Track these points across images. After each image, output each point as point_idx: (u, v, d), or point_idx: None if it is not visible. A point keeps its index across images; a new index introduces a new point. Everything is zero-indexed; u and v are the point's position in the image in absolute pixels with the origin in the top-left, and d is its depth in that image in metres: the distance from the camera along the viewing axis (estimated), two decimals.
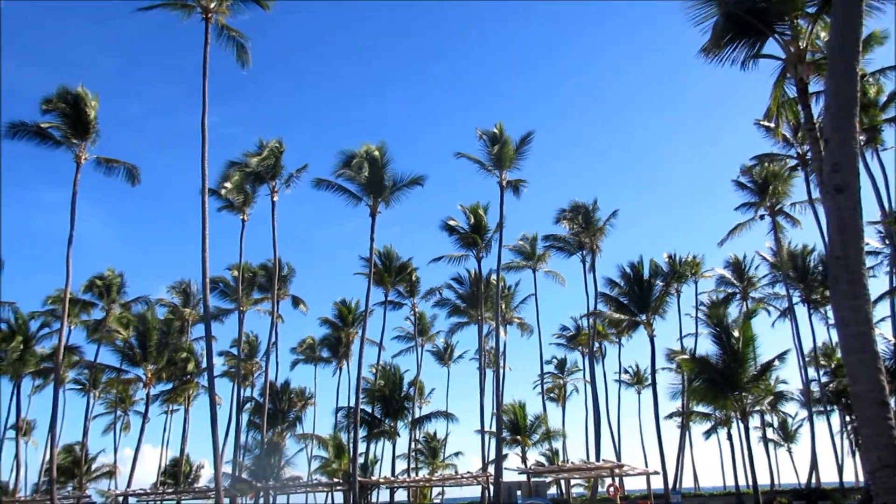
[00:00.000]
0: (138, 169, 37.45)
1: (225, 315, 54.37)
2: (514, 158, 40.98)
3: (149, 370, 49.21)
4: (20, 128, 34.66)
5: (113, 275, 52.78)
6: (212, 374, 31.10)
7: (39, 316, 51.40)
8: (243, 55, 32.89)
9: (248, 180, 43.09)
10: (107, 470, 60.96)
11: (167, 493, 44.77)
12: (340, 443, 50.98)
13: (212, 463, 71.05)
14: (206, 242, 29.87)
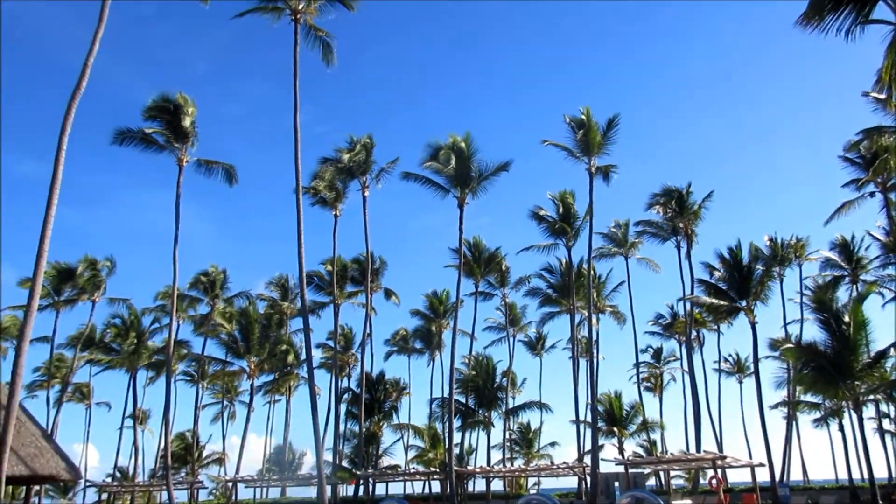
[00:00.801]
0: (235, 169, 39.05)
1: (321, 308, 56.04)
2: (602, 144, 40.18)
3: (252, 362, 51.40)
4: (127, 134, 36.73)
5: (216, 271, 55.19)
6: (311, 365, 32.14)
7: (151, 312, 54.51)
8: (329, 54, 33.63)
9: (339, 176, 44.19)
10: (216, 457, 64.05)
11: (272, 479, 46.60)
12: (436, 433, 51.68)
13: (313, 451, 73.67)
14: (302, 238, 30.80)
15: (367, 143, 43.78)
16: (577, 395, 47.27)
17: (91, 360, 56.76)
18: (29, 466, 25.08)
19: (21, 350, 20.97)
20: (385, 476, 47.38)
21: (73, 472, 28.85)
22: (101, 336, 54.63)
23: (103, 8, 24.14)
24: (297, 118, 31.85)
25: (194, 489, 47.05)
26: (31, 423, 28.97)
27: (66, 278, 52.55)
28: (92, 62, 23.51)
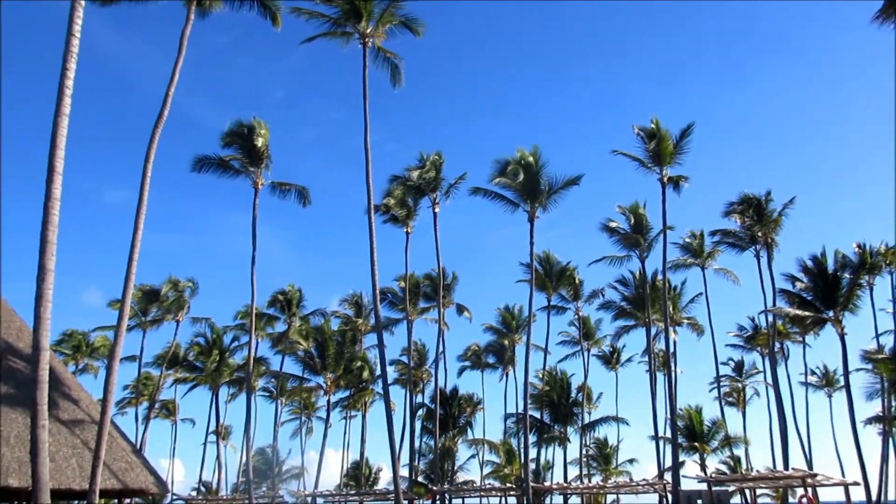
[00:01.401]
0: (308, 190, 40.14)
1: (394, 325, 56.65)
2: (674, 153, 39.39)
3: (328, 378, 52.34)
4: (205, 161, 38.28)
5: (292, 290, 56.58)
6: (386, 381, 32.45)
7: (231, 330, 56.32)
8: (397, 75, 34.28)
9: (409, 194, 44.75)
10: (295, 472, 65.40)
11: (350, 494, 47.19)
12: (511, 448, 51.31)
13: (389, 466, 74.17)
14: (375, 256, 31.33)
15: (437, 160, 44.21)
16: (656, 410, 46.14)
17: (176, 378, 59.13)
18: (120, 480, 26.21)
19: (112, 369, 22.03)
20: (461, 491, 47.29)
21: (161, 486, 29.99)
22: (185, 354, 56.76)
23: (182, 40, 25.32)
24: (368, 138, 32.50)
25: (275, 503, 48.08)
26: (122, 438, 30.30)
27: (151, 299, 55.07)
28: (172, 92, 24.67)
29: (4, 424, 23.51)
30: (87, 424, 27.31)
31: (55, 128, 16.36)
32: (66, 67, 16.75)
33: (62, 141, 16.35)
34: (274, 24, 28.73)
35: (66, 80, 16.67)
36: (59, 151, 16.23)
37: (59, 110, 16.49)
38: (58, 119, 16.43)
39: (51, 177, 16.04)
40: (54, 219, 15.90)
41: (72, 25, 17.09)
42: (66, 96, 16.57)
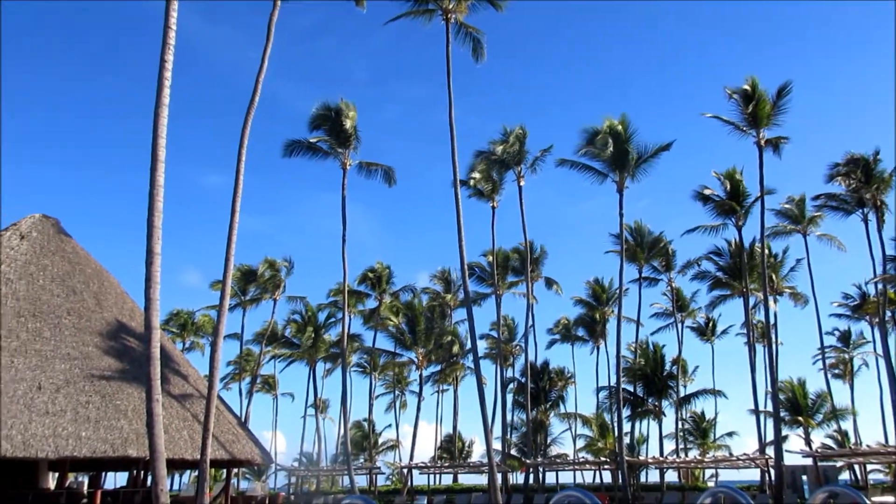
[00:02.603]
0: (393, 170, 40.67)
1: (483, 299, 56.85)
2: (772, 114, 37.51)
3: (419, 353, 53.24)
4: (295, 145, 39.32)
5: (382, 267, 57.62)
6: (476, 355, 32.69)
7: (325, 308, 58.00)
8: (479, 49, 34.11)
9: (494, 168, 44.58)
10: (391, 444, 67.18)
11: (444, 466, 48.05)
12: (604, 422, 50.87)
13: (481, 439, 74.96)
14: (462, 231, 31.43)
15: (520, 134, 43.78)
16: (755, 383, 44.55)
17: (275, 355, 61.63)
18: (228, 451, 27.63)
19: (217, 346, 23.13)
20: (555, 465, 47.32)
21: (266, 456, 31.43)
22: (282, 331, 58.95)
23: (270, 26, 25.94)
24: (452, 114, 32.51)
25: (373, 475, 49.53)
26: (228, 412, 31.87)
27: (250, 279, 57.41)
28: (262, 78, 25.36)
29: (122, 399, 25.16)
30: (196, 398, 28.85)
31: (156, 118, 17.15)
32: (164, 59, 17.47)
33: (163, 130, 17.13)
34: (358, 5, 29.04)
35: (164, 71, 17.41)
36: (161, 140, 17.02)
37: (160, 101, 17.26)
38: (158, 109, 17.21)
39: (154, 165, 16.86)
40: (159, 205, 16.74)
41: (168, 18, 17.80)
42: (165, 87, 17.32)
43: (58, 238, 31.62)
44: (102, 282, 31.33)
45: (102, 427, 23.62)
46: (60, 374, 24.87)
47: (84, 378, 25.20)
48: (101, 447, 23.03)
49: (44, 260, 29.74)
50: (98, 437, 23.23)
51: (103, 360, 26.63)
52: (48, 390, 23.97)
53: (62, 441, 22.53)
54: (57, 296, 28.37)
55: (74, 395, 24.28)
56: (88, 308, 28.83)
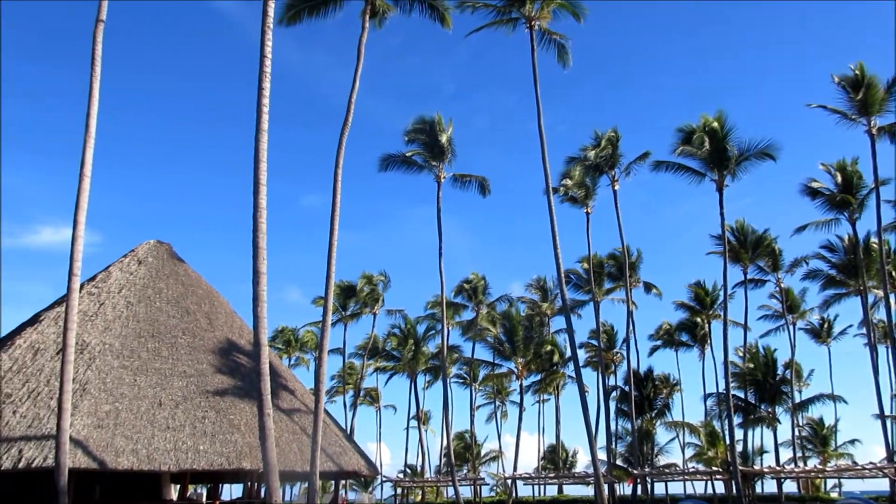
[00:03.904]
0: (488, 181, 40.88)
1: (580, 307, 56.04)
2: (885, 100, 35.29)
3: (519, 363, 52.95)
4: (390, 159, 40.14)
5: (477, 278, 57.81)
6: (577, 364, 32.23)
7: (423, 320, 58.73)
8: (564, 55, 33.83)
9: (587, 173, 43.98)
10: (493, 455, 66.99)
11: (549, 477, 47.48)
12: (713, 430, 48.93)
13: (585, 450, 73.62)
14: (557, 239, 31.13)
15: (612, 137, 43.02)
16: (879, 386, 41.76)
17: (377, 368, 62.88)
18: (336, 463, 28.32)
19: (322, 361, 23.81)
20: (664, 475, 45.87)
21: (372, 468, 32.01)
22: (383, 345, 60.07)
23: (360, 49, 26.66)
24: (541, 121, 32.33)
25: (477, 485, 49.53)
26: (335, 425, 32.69)
27: (349, 294, 58.97)
28: (355, 99, 26.07)
29: (235, 414, 26.28)
30: (303, 412, 29.77)
31: (257, 143, 17.94)
32: (261, 87, 18.28)
33: (264, 155, 17.89)
34: (444, 25, 29.44)
35: (262, 98, 18.20)
36: (262, 165, 17.77)
37: (259, 126, 18.05)
38: (258, 135, 18.00)
39: (257, 188, 17.62)
40: (262, 226, 17.47)
41: (263, 48, 18.62)
42: (264, 113, 18.09)
43: (171, 262, 33.47)
44: (213, 302, 32.92)
45: (218, 441, 24.73)
46: (178, 391, 26.24)
47: (200, 394, 26.49)
48: (217, 460, 24.12)
49: (159, 283, 31.54)
50: (214, 451, 24.34)
51: (216, 376, 27.93)
52: (168, 406, 25.32)
53: (182, 454, 23.73)
54: (172, 317, 30.00)
55: (192, 411, 25.55)
56: (201, 327, 30.33)
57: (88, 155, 20.45)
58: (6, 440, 21.99)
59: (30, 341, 26.66)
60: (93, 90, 20.96)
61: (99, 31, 21.31)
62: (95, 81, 21.00)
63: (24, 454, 21.47)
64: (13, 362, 25.47)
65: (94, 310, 28.37)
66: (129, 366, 26.40)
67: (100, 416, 23.68)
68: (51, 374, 24.66)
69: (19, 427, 22.56)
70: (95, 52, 21.14)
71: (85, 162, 20.36)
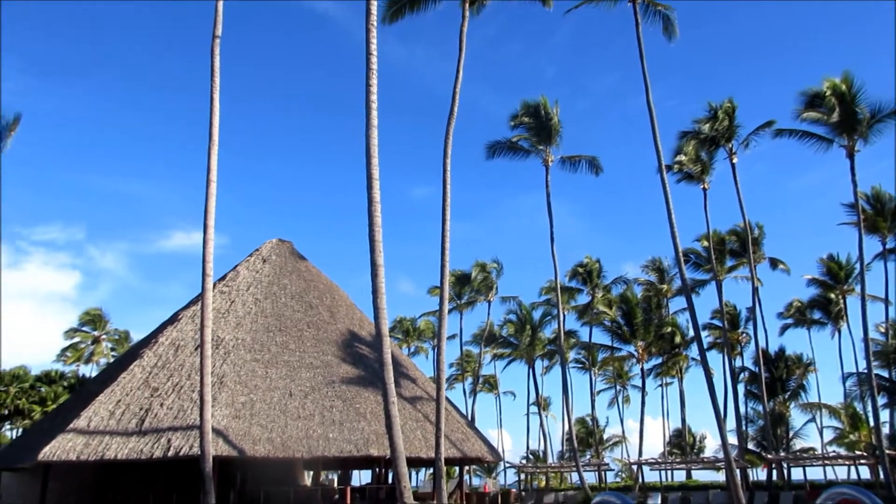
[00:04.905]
0: (598, 159, 40.10)
1: (700, 286, 53.89)
2: None
3: (639, 346, 51.72)
4: (497, 146, 40.07)
5: (591, 261, 56.86)
6: (701, 345, 31.10)
7: (539, 306, 58.43)
8: (670, 27, 32.53)
9: (702, 148, 42.16)
10: (616, 440, 65.90)
11: (676, 462, 46.20)
12: (855, 412, 45.97)
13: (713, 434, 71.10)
14: (673, 217, 30.07)
15: (729, 108, 40.94)
16: None
17: (495, 355, 63.23)
18: (459, 449, 28.76)
19: (441, 350, 24.16)
20: (801, 460, 43.51)
21: (495, 454, 32.28)
22: (498, 332, 60.31)
23: (461, 38, 26.74)
24: (650, 97, 31.28)
25: (601, 471, 48.91)
26: (456, 412, 33.19)
27: (463, 283, 59.64)
28: (459, 89, 26.19)
29: (360, 402, 27.21)
30: (425, 400, 30.41)
31: (368, 139, 18.39)
32: (369, 84, 18.71)
33: (375, 150, 18.33)
34: (545, 5, 29.02)
35: (370, 94, 18.64)
36: (374, 160, 18.22)
37: (369, 123, 18.50)
38: (369, 131, 18.44)
39: (370, 184, 18.08)
40: (377, 220, 17.92)
41: (369, 46, 19.04)
42: (373, 110, 18.53)
43: (293, 259, 34.98)
44: (333, 295, 34.19)
45: (346, 429, 25.72)
46: (307, 382, 27.48)
47: (326, 384, 27.63)
48: (346, 447, 25.10)
49: (283, 280, 33.07)
50: (343, 438, 25.34)
51: (341, 367, 29.02)
52: (298, 396, 26.57)
53: (314, 442, 24.86)
54: (297, 311, 31.41)
55: (320, 401, 26.69)
56: (324, 320, 31.59)
57: (213, 161, 21.70)
58: (156, 431, 23.81)
59: (171, 338, 28.71)
60: (213, 101, 22.20)
61: (216, 46, 22.54)
62: (215, 93, 22.23)
63: (173, 443, 23.18)
64: (157, 358, 27.52)
65: (226, 307, 30.16)
66: (260, 359, 27.89)
67: (237, 406, 25.19)
68: (191, 369, 26.46)
69: (166, 418, 24.36)
70: (214, 65, 22.37)
71: (210, 168, 21.62)
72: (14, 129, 36.85)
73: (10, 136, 36.86)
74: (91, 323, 64.30)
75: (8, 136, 36.84)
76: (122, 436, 23.61)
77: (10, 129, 36.78)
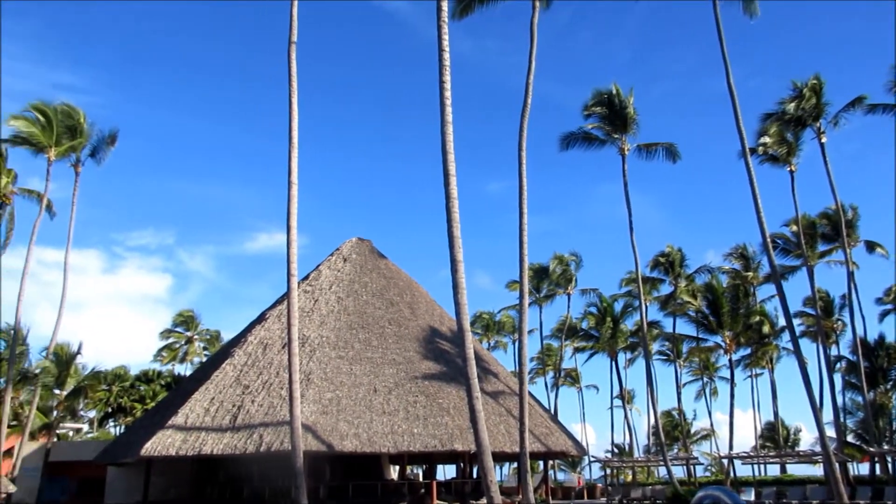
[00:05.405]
0: (675, 146, 38.96)
1: (789, 273, 51.71)
2: None
3: (726, 336, 50.10)
4: (570, 137, 39.46)
5: (673, 250, 55.45)
6: (794, 334, 29.84)
7: (620, 298, 57.43)
8: (750, 4, 31.29)
9: (787, 128, 40.45)
10: (704, 433, 64.11)
11: (769, 456, 44.57)
12: None
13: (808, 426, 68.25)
14: (759, 202, 28.94)
15: (816, 85, 39.08)
16: None
17: (576, 348, 62.52)
18: (543, 443, 28.61)
19: (523, 344, 24.08)
20: None
21: (579, 448, 31.96)
22: (578, 324, 59.62)
23: (532, 30, 26.51)
24: (731, 78, 30.11)
25: (690, 465, 47.70)
26: (539, 406, 33.04)
27: (542, 277, 59.25)
28: (532, 81, 25.99)
29: (443, 398, 27.43)
30: (507, 394, 30.38)
31: (443, 136, 18.46)
32: (442, 80, 18.78)
33: (451, 146, 18.39)
34: None
35: (444, 91, 18.70)
36: (450, 156, 18.28)
37: (444, 119, 18.57)
38: (444, 128, 18.52)
39: (447, 180, 18.16)
40: (455, 216, 17.99)
41: (441, 42, 19.11)
42: (447, 106, 18.59)
43: (372, 257, 35.55)
44: (413, 292, 34.56)
45: (430, 424, 25.99)
46: (390, 378, 27.91)
47: (409, 380, 27.98)
48: (431, 442, 25.36)
49: (364, 277, 33.66)
50: (428, 433, 25.61)
51: (423, 363, 29.33)
52: (382, 392, 27.02)
53: (399, 437, 25.23)
54: (378, 308, 31.92)
55: (404, 396, 27.06)
56: (405, 317, 31.98)
57: (293, 165, 22.29)
58: (248, 427, 24.68)
59: (259, 337, 29.67)
60: (291, 105, 22.79)
61: (292, 52, 23.13)
62: (293, 97, 22.82)
63: (264, 439, 23.99)
64: (247, 357, 28.50)
65: (310, 306, 30.93)
66: (344, 356, 28.50)
67: (324, 403, 25.83)
68: (279, 366, 27.30)
69: (258, 415, 25.22)
70: (291, 70, 22.96)
71: (291, 171, 22.22)
72: (112, 144, 38.87)
73: (108, 150, 38.93)
74: (184, 324, 67.24)
75: (107, 151, 38.91)
76: (217, 432, 24.59)
77: (109, 143, 38.81)
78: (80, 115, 37.58)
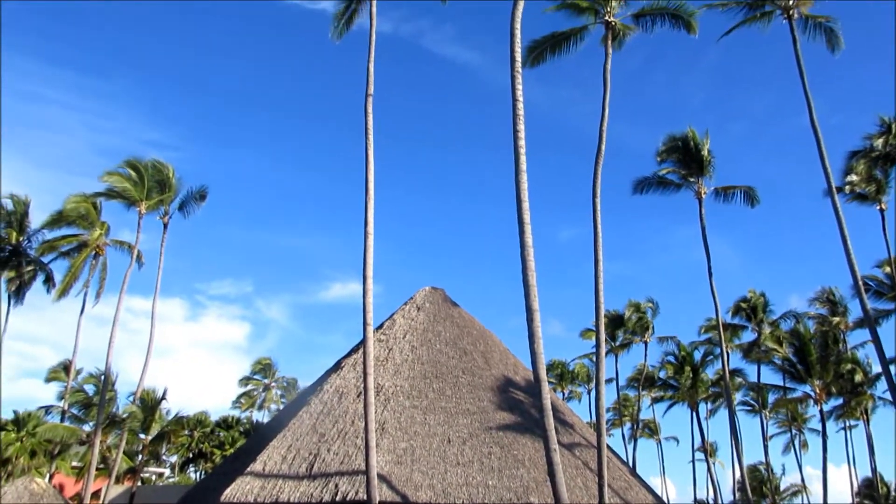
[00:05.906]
0: (755, 189, 37.98)
1: (882, 317, 48.99)
2: None
3: (816, 385, 47.64)
4: (644, 182, 38.98)
5: (755, 295, 53.54)
6: (891, 381, 28.13)
7: (699, 346, 55.53)
8: (833, 38, 30.62)
9: (876, 165, 38.96)
10: (795, 490, 60.66)
11: None
12: None
13: None
14: (849, 243, 27.73)
15: None
16: None
17: (653, 398, 60.55)
18: (622, 498, 27.54)
19: (600, 394, 23.50)
20: None
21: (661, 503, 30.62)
22: (656, 373, 57.87)
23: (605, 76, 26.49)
24: (814, 115, 29.38)
25: None
26: (617, 458, 31.95)
27: (617, 324, 57.91)
28: (605, 127, 25.88)
29: (518, 449, 26.86)
30: (584, 446, 29.52)
31: (518, 184, 18.50)
32: (516, 129, 18.90)
33: (525, 195, 18.39)
34: (689, 32, 28.23)
35: (518, 140, 18.80)
36: (525, 205, 18.27)
37: (518, 168, 18.62)
38: (518, 176, 18.56)
39: (522, 228, 18.12)
40: (531, 264, 17.87)
41: (514, 92, 19.30)
42: (521, 155, 18.66)
43: (445, 306, 35.58)
44: (486, 341, 34.30)
45: (505, 476, 25.42)
46: (464, 428, 27.55)
47: (483, 431, 27.55)
48: (506, 495, 24.76)
49: (437, 326, 33.65)
50: (503, 486, 25.04)
51: (497, 413, 28.87)
52: (456, 443, 26.67)
53: (473, 489, 24.76)
54: (452, 357, 31.77)
55: (478, 447, 26.63)
56: (478, 366, 31.70)
57: (370, 215, 22.70)
58: (324, 475, 24.74)
59: (335, 386, 29.90)
60: (368, 158, 23.33)
61: (369, 104, 23.77)
62: (370, 149, 23.36)
63: (340, 488, 23.95)
64: (323, 405, 28.71)
65: (385, 355, 31.06)
66: (418, 405, 28.36)
67: (398, 452, 25.67)
68: (354, 415, 27.36)
69: (333, 463, 25.26)
70: (368, 122, 23.57)
71: (367, 221, 22.62)
72: (202, 200, 40.48)
73: (198, 205, 40.59)
74: (262, 371, 68.70)
75: (195, 206, 40.58)
76: (294, 479, 24.71)
77: (198, 199, 40.44)
78: (169, 171, 39.43)
